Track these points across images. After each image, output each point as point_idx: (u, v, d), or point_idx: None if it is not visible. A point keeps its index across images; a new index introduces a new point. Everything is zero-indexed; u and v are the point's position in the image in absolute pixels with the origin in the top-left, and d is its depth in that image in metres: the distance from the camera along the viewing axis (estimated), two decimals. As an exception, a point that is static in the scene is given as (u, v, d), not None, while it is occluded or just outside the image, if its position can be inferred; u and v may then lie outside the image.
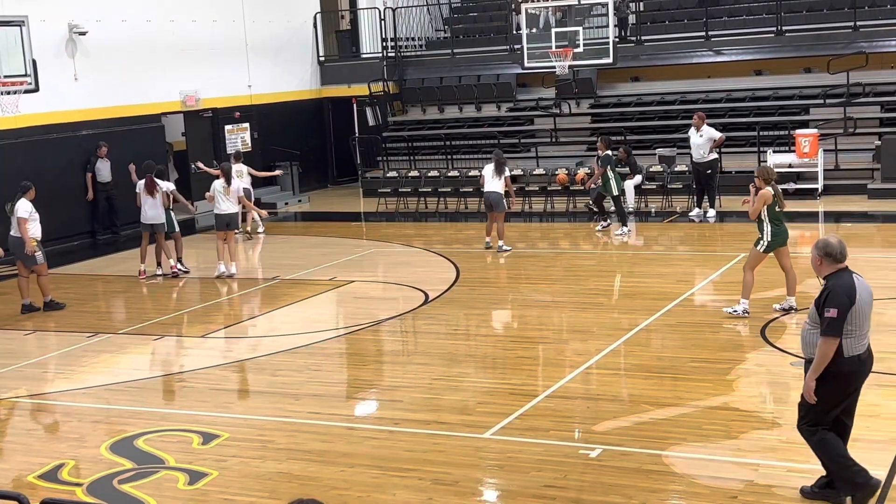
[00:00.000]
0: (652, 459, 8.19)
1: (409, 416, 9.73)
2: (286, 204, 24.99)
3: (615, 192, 18.30)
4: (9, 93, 15.42)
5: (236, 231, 18.39)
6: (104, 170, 21.05)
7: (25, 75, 15.61)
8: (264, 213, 19.95)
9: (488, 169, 17.53)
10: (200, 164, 21.45)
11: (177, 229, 17.04)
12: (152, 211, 16.71)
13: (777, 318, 12.29)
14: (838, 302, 6.99)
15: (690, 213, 19.84)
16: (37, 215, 14.69)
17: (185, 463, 8.80)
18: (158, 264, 17.02)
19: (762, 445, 8.49)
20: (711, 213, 19.59)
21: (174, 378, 11.69)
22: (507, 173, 17.45)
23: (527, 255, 17.55)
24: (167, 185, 16.96)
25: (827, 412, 7.20)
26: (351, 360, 12.24)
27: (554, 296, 14.39)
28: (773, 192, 12.25)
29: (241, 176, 19.83)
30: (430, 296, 14.65)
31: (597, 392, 10.19)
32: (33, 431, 10.19)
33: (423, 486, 8.05)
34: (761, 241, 12.32)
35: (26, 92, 15.81)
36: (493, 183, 17.36)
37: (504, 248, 17.38)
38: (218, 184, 16.74)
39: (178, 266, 16.91)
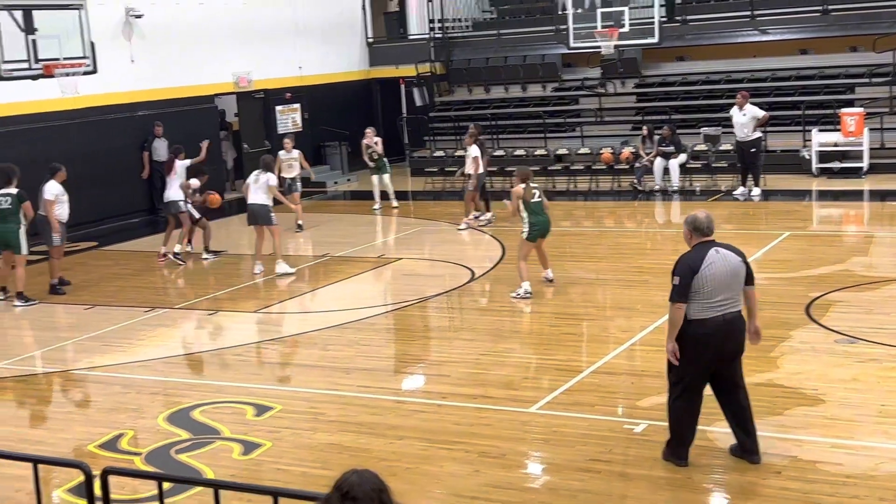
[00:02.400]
0: (696, 435, 8.11)
1: (457, 390, 9.86)
2: (335, 183, 25.30)
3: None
4: (68, 74, 15.73)
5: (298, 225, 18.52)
6: (161, 149, 21.35)
7: (84, 57, 15.89)
8: (297, 207, 18.64)
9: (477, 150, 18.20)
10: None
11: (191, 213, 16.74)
12: (168, 192, 16.69)
13: (821, 295, 12.33)
14: (680, 271, 7.55)
15: (735, 192, 19.85)
16: (65, 198, 14.97)
17: (239, 434, 8.98)
18: (189, 242, 17.04)
19: (806, 422, 8.55)
20: (756, 191, 19.59)
21: (228, 352, 11.89)
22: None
23: (571, 233, 17.63)
24: (180, 165, 16.63)
25: (685, 371, 7.67)
26: (399, 336, 12.43)
27: (598, 273, 14.49)
28: (524, 188, 13.36)
29: (291, 167, 19.12)
30: (476, 273, 14.82)
31: (641, 368, 10.28)
32: (93, 403, 10.42)
33: (469, 458, 8.18)
34: (523, 232, 13.48)
35: (85, 73, 16.10)
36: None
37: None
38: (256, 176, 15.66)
39: (179, 250, 16.74)
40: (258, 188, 15.42)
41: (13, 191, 14.31)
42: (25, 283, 14.56)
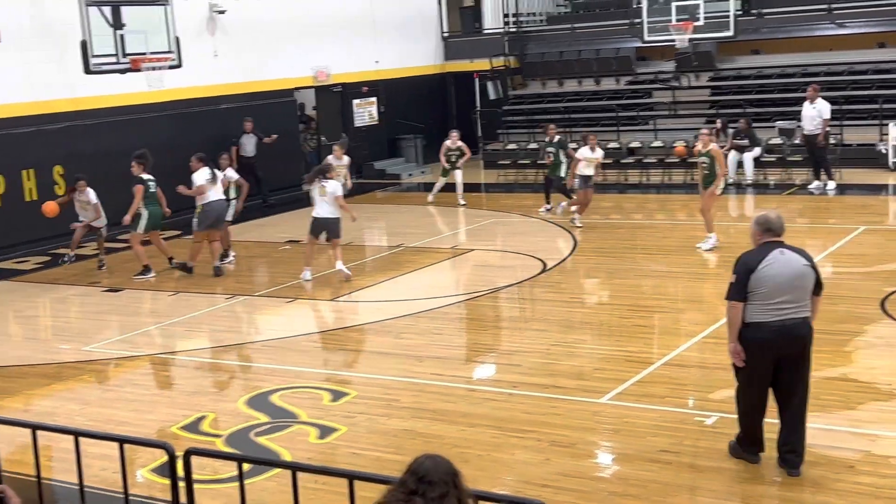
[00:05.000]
0: (768, 428, 7.94)
1: (527, 379, 9.95)
2: (410, 175, 25.58)
3: (563, 174, 18.61)
4: (155, 68, 16.14)
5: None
6: (248, 144, 21.72)
7: (169, 52, 16.31)
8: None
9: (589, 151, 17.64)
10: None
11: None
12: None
13: (896, 291, 12.27)
14: (736, 269, 7.46)
15: (810, 186, 19.70)
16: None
17: (316, 418, 9.18)
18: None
19: (880, 417, 8.51)
20: (831, 185, 19.42)
21: (306, 338, 12.12)
22: None
23: (644, 225, 17.65)
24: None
25: (745, 371, 7.58)
26: (471, 325, 12.55)
27: (670, 266, 14.51)
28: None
29: (340, 175, 17.01)
30: (548, 264, 14.91)
31: (712, 361, 10.20)
32: (177, 386, 10.73)
33: (540, 447, 8.27)
34: (718, 187, 15.02)
35: (170, 68, 16.54)
36: None
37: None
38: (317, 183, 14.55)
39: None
40: (326, 201, 14.43)
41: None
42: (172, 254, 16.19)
